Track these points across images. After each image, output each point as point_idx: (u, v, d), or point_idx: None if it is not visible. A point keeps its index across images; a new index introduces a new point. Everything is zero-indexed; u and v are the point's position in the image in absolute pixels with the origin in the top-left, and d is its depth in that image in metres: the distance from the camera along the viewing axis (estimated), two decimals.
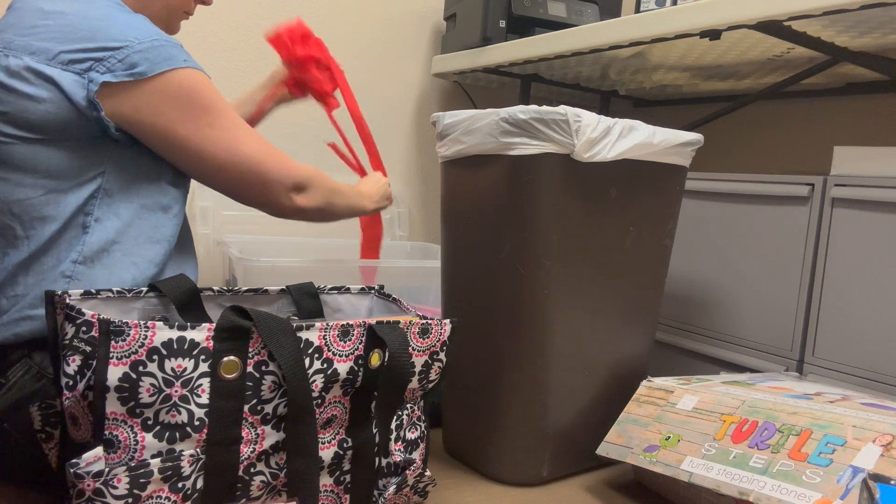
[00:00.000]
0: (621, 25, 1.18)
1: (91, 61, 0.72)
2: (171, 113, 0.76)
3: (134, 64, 0.73)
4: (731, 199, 1.15)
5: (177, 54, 0.77)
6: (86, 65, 0.72)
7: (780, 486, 0.68)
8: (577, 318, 0.89)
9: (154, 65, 0.74)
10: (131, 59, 0.73)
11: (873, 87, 1.39)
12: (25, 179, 0.74)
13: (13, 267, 0.74)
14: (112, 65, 0.73)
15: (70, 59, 0.72)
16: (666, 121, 1.87)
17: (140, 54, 0.74)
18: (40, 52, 0.72)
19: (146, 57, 0.74)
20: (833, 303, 1.01)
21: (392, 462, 0.71)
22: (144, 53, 0.74)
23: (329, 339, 0.65)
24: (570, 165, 0.82)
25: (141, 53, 0.74)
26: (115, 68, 0.73)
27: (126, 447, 0.57)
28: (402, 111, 1.77)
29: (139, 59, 0.74)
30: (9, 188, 0.74)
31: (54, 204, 0.74)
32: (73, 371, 0.58)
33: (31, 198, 0.74)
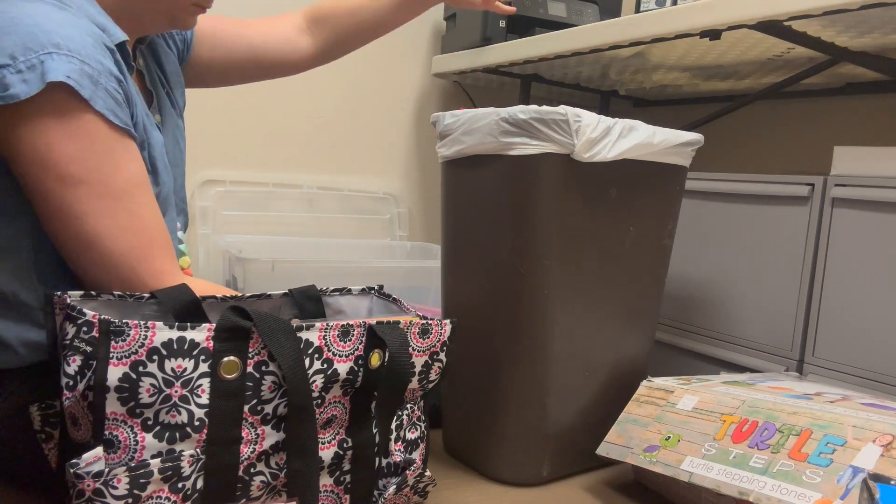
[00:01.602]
0: (621, 25, 1.18)
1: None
2: (22, 149, 0.63)
3: (8, 85, 0.61)
4: (731, 199, 1.15)
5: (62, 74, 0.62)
6: None
7: (780, 486, 0.68)
8: (577, 318, 0.89)
9: (28, 85, 0.61)
10: (8, 80, 0.61)
11: (873, 87, 1.39)
12: None
13: None
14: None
15: None
16: (666, 121, 1.87)
17: (20, 74, 0.61)
18: None
19: (25, 77, 0.61)
20: (833, 303, 1.01)
21: (392, 462, 0.71)
22: (25, 73, 0.61)
23: (329, 339, 0.65)
24: (570, 165, 0.82)
25: (21, 73, 0.61)
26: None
27: (126, 447, 0.57)
28: (402, 111, 1.77)
29: (16, 80, 0.61)
30: None
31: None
32: (73, 371, 0.58)
33: None
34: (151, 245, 0.69)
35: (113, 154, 0.66)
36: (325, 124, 1.66)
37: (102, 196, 0.65)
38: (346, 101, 1.68)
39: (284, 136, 1.61)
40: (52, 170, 0.63)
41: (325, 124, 1.66)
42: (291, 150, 1.62)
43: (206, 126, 1.51)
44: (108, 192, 0.66)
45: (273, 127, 1.59)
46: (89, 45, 0.65)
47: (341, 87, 1.66)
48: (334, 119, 1.67)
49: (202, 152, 1.51)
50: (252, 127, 1.56)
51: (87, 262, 0.67)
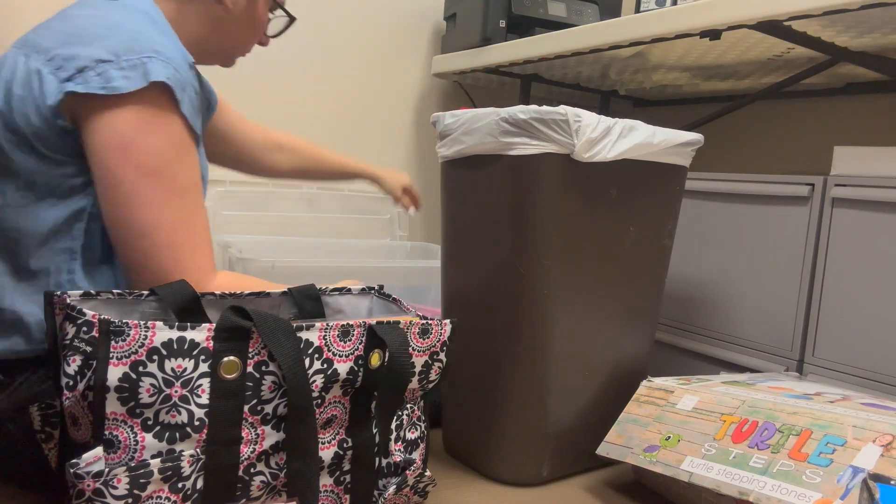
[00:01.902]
0: (621, 25, 1.18)
1: (74, 70, 0.69)
2: (112, 135, 0.70)
3: (111, 78, 0.69)
4: (731, 199, 1.15)
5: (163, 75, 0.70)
6: (68, 73, 0.69)
7: (780, 486, 0.68)
8: (577, 318, 0.89)
9: (130, 82, 0.69)
10: (110, 74, 0.69)
11: (873, 87, 1.39)
12: (5, 185, 0.72)
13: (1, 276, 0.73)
14: (89, 77, 0.69)
15: (60, 64, 0.70)
16: (666, 121, 1.87)
17: (122, 70, 0.69)
18: (42, 52, 0.71)
19: (127, 74, 0.69)
20: (833, 303, 1.01)
21: (392, 462, 0.71)
22: (127, 70, 0.69)
23: (329, 339, 0.65)
24: (570, 165, 0.82)
25: (124, 70, 0.69)
26: (91, 80, 0.68)
27: (126, 447, 0.57)
28: (402, 111, 1.77)
29: (118, 76, 0.69)
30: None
31: (33, 217, 0.72)
32: (73, 371, 0.58)
33: (10, 205, 0.72)
34: (199, 243, 0.74)
35: (186, 155, 0.74)
36: (326, 124, 1.66)
37: (170, 190, 0.72)
38: (346, 101, 1.68)
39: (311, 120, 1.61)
40: (132, 159, 0.70)
41: (326, 124, 1.66)
42: None
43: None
44: (176, 187, 0.72)
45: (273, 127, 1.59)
46: (179, 56, 0.74)
47: (341, 87, 1.66)
48: (334, 119, 1.67)
49: None
50: None
51: (137, 250, 0.71)
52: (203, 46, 0.88)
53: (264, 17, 0.92)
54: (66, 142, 0.71)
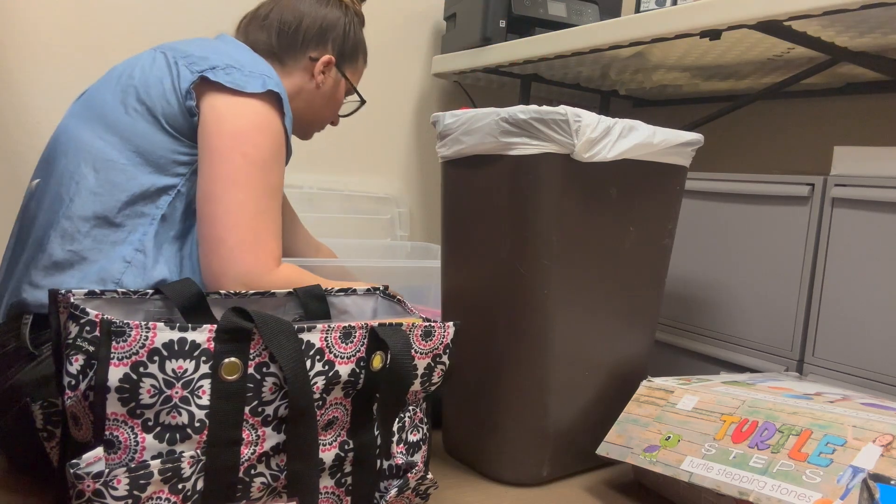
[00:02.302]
0: (621, 25, 1.18)
1: (207, 66, 0.83)
2: (228, 122, 0.82)
3: (236, 78, 0.83)
4: (731, 199, 1.15)
5: (276, 87, 0.84)
6: (202, 67, 0.83)
7: (780, 486, 0.68)
8: (577, 318, 0.89)
9: (250, 85, 0.83)
10: (235, 75, 0.83)
11: (873, 87, 1.39)
12: (119, 145, 0.82)
13: (78, 218, 0.79)
14: (218, 73, 0.83)
15: (195, 61, 0.84)
16: (666, 121, 1.87)
17: (246, 76, 0.84)
18: (181, 53, 0.86)
19: (248, 79, 0.83)
20: (833, 303, 1.01)
21: (394, 464, 0.71)
22: (249, 77, 0.84)
23: (331, 340, 0.65)
24: (570, 165, 0.82)
25: (247, 76, 0.84)
26: (219, 74, 0.83)
27: (126, 448, 0.57)
28: (402, 111, 1.77)
29: (241, 77, 0.83)
30: (103, 146, 0.82)
31: (130, 177, 0.81)
32: (75, 371, 0.58)
33: (116, 161, 0.81)
34: (274, 235, 0.83)
35: (281, 160, 0.86)
36: None
37: (264, 182, 0.83)
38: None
39: None
40: (242, 147, 0.81)
41: None
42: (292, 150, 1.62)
43: None
44: (268, 183, 0.83)
45: None
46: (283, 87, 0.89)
47: None
48: None
49: None
50: None
51: (221, 224, 0.80)
52: (294, 117, 1.03)
53: (342, 98, 1.07)
54: (188, 123, 0.83)
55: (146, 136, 0.82)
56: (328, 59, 1.00)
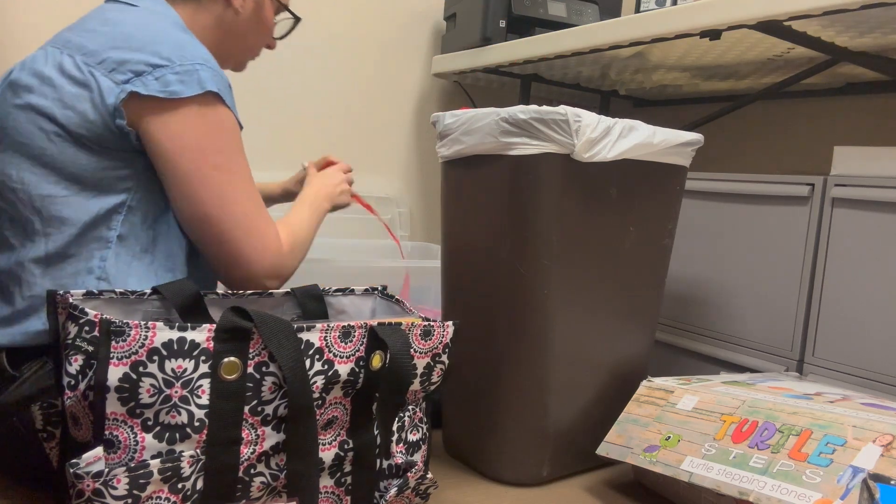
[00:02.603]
0: (621, 25, 1.18)
1: (131, 73, 0.74)
2: (184, 140, 0.76)
3: (168, 83, 0.74)
4: (731, 199, 1.15)
5: (214, 85, 0.77)
6: (125, 76, 0.74)
7: (780, 486, 0.68)
8: (577, 318, 0.89)
9: (187, 87, 0.75)
10: (167, 78, 0.74)
11: (873, 87, 1.39)
12: (51, 176, 0.75)
13: (29, 262, 0.74)
14: (147, 81, 0.74)
15: (113, 66, 0.74)
16: (666, 121, 1.87)
17: (178, 75, 0.75)
18: (90, 54, 0.75)
19: (182, 79, 0.75)
20: (833, 303, 1.01)
21: (393, 464, 0.71)
22: (182, 76, 0.75)
23: (330, 340, 0.65)
24: (570, 165, 0.82)
25: (179, 75, 0.75)
26: (149, 83, 0.74)
27: (126, 447, 0.57)
28: (402, 111, 1.77)
29: (175, 80, 0.75)
30: (35, 181, 0.75)
31: (75, 208, 0.75)
32: (74, 371, 0.58)
33: (54, 196, 0.75)
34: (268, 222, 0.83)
35: (242, 148, 0.82)
36: (326, 124, 1.66)
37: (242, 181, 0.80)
38: (346, 101, 1.68)
39: (285, 137, 1.61)
40: (209, 159, 0.77)
41: (326, 124, 1.66)
42: (292, 150, 1.62)
43: None
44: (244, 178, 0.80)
45: (274, 127, 1.59)
46: (217, 65, 0.80)
47: (341, 87, 1.66)
48: (335, 119, 1.67)
49: None
50: (253, 127, 1.56)
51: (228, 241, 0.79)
52: (217, 51, 0.93)
53: (271, 19, 0.97)
54: (120, 139, 0.75)
55: (77, 161, 0.75)
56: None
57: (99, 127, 0.74)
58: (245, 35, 0.95)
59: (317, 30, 1.61)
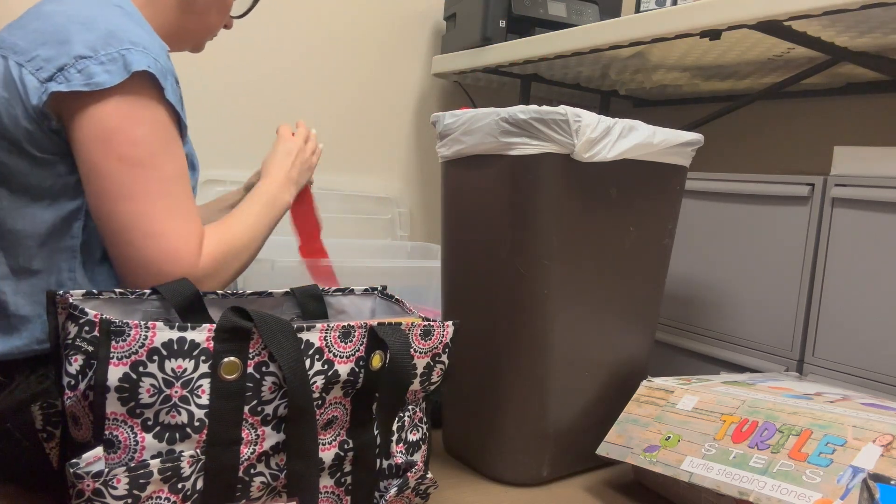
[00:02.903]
0: (621, 25, 1.18)
1: (54, 69, 0.68)
2: (95, 129, 0.69)
3: (92, 74, 0.68)
4: (731, 199, 1.15)
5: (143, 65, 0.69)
6: (48, 73, 0.69)
7: (780, 486, 0.68)
8: (577, 318, 0.89)
9: (112, 76, 0.68)
10: (91, 70, 0.68)
11: (873, 87, 1.39)
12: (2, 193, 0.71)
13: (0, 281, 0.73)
14: (70, 75, 0.68)
15: (41, 64, 0.69)
16: (666, 121, 1.87)
17: (103, 65, 0.68)
18: (21, 53, 0.70)
19: (108, 68, 0.68)
20: (833, 303, 1.01)
21: (393, 464, 0.71)
22: (108, 64, 0.69)
23: (330, 340, 0.65)
24: (570, 165, 0.82)
25: (104, 64, 0.69)
26: (72, 77, 0.68)
27: (126, 447, 0.57)
28: (402, 111, 1.77)
29: (99, 70, 0.68)
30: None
31: (29, 219, 0.72)
32: (74, 371, 0.58)
33: (6, 208, 0.71)
34: (188, 231, 0.73)
35: (172, 143, 0.73)
36: (326, 124, 1.66)
37: (156, 181, 0.71)
38: (346, 101, 1.68)
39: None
40: (116, 150, 0.69)
41: (326, 124, 1.66)
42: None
43: (207, 126, 1.51)
44: (163, 177, 0.71)
45: (273, 127, 1.59)
46: (157, 46, 0.73)
47: (341, 87, 1.66)
48: (334, 119, 1.67)
49: (203, 152, 1.51)
50: (253, 127, 1.56)
51: (125, 243, 0.71)
52: (174, 32, 0.88)
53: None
54: (56, 142, 0.71)
55: (21, 170, 0.71)
56: None
57: (34, 132, 0.70)
58: (205, 13, 0.89)
59: (317, 30, 1.61)
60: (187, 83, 1.47)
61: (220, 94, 1.51)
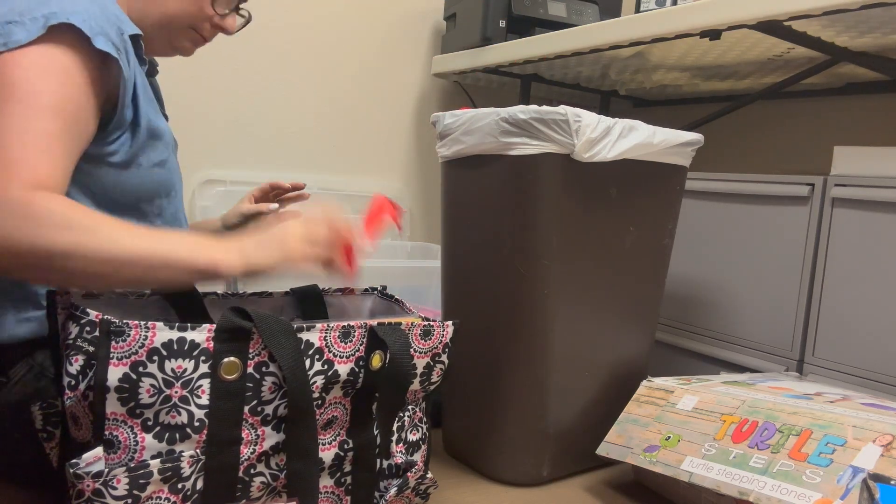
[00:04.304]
0: (621, 25, 1.18)
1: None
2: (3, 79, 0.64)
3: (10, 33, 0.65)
4: (731, 199, 1.15)
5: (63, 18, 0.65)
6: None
7: (780, 486, 0.68)
8: (577, 317, 0.89)
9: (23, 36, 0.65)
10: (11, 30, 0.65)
11: (873, 87, 1.39)
12: None
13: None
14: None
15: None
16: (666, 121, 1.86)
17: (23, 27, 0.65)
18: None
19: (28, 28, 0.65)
20: (833, 303, 1.01)
21: (393, 464, 0.71)
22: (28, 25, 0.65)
23: (330, 340, 0.65)
24: (570, 165, 0.82)
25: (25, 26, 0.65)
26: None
27: (126, 448, 0.57)
28: (402, 111, 1.77)
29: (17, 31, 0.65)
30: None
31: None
32: (75, 371, 0.58)
33: None
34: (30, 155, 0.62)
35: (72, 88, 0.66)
36: (326, 124, 1.66)
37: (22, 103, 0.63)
38: (346, 101, 1.68)
39: (285, 136, 1.61)
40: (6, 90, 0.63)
41: (326, 124, 1.66)
42: (292, 150, 1.62)
43: (207, 126, 1.51)
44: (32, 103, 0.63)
45: (273, 127, 1.59)
46: (104, 16, 0.69)
47: (341, 87, 1.66)
48: (334, 119, 1.67)
49: (203, 152, 1.51)
50: (253, 127, 1.56)
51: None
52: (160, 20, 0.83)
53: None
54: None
55: None
56: None
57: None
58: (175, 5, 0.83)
59: (317, 30, 1.61)
60: (187, 83, 1.46)
61: (220, 94, 1.51)
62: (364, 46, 1.68)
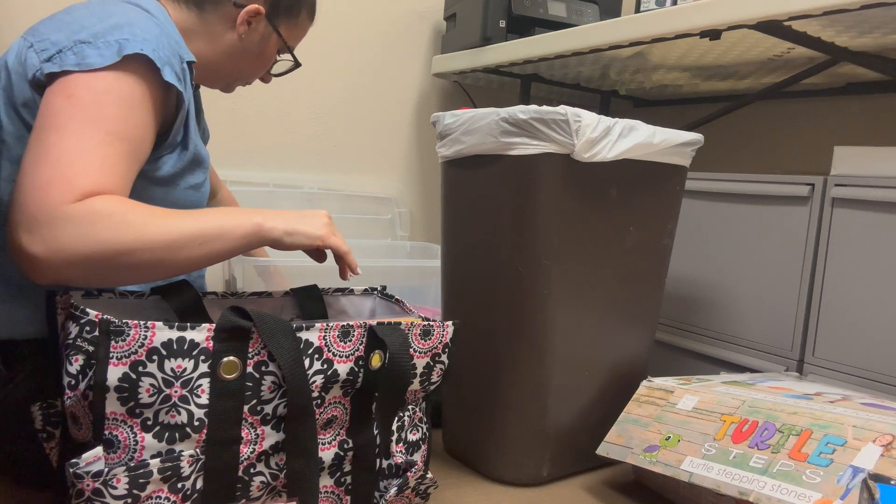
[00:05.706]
0: (621, 25, 1.18)
1: (54, 52, 0.68)
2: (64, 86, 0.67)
3: (86, 55, 0.68)
4: (731, 199, 1.15)
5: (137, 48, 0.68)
6: (49, 52, 0.69)
7: (780, 486, 0.68)
8: (577, 318, 0.89)
9: (99, 60, 0.67)
10: (85, 52, 0.68)
11: (873, 87, 1.39)
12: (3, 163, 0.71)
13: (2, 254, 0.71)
14: (65, 57, 0.68)
15: (46, 46, 0.69)
16: (666, 121, 1.87)
17: (97, 50, 0.68)
18: (37, 35, 0.71)
19: (102, 53, 0.68)
20: (833, 303, 1.01)
21: (393, 463, 0.71)
22: (102, 49, 0.68)
23: (329, 339, 0.65)
24: (570, 165, 0.82)
25: (99, 49, 0.68)
26: (67, 60, 0.67)
27: (126, 447, 0.57)
28: (402, 111, 1.77)
29: (91, 53, 0.68)
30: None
31: None
32: (75, 371, 0.58)
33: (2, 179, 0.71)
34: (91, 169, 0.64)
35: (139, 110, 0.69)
36: (326, 124, 1.66)
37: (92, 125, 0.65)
38: (346, 101, 1.68)
39: (285, 137, 1.61)
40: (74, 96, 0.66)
41: (326, 124, 1.66)
42: (292, 150, 1.62)
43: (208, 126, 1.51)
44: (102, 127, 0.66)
45: (274, 127, 1.59)
46: (165, 44, 0.72)
47: (342, 87, 1.66)
48: (335, 119, 1.67)
49: None
50: (253, 127, 1.56)
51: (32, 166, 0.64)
52: (207, 66, 0.89)
53: (272, 55, 0.93)
54: None
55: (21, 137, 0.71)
56: (255, 8, 0.85)
57: (32, 102, 0.69)
58: (241, 62, 0.90)
59: (317, 30, 1.61)
60: None
61: (220, 93, 1.51)
62: (364, 46, 1.68)
